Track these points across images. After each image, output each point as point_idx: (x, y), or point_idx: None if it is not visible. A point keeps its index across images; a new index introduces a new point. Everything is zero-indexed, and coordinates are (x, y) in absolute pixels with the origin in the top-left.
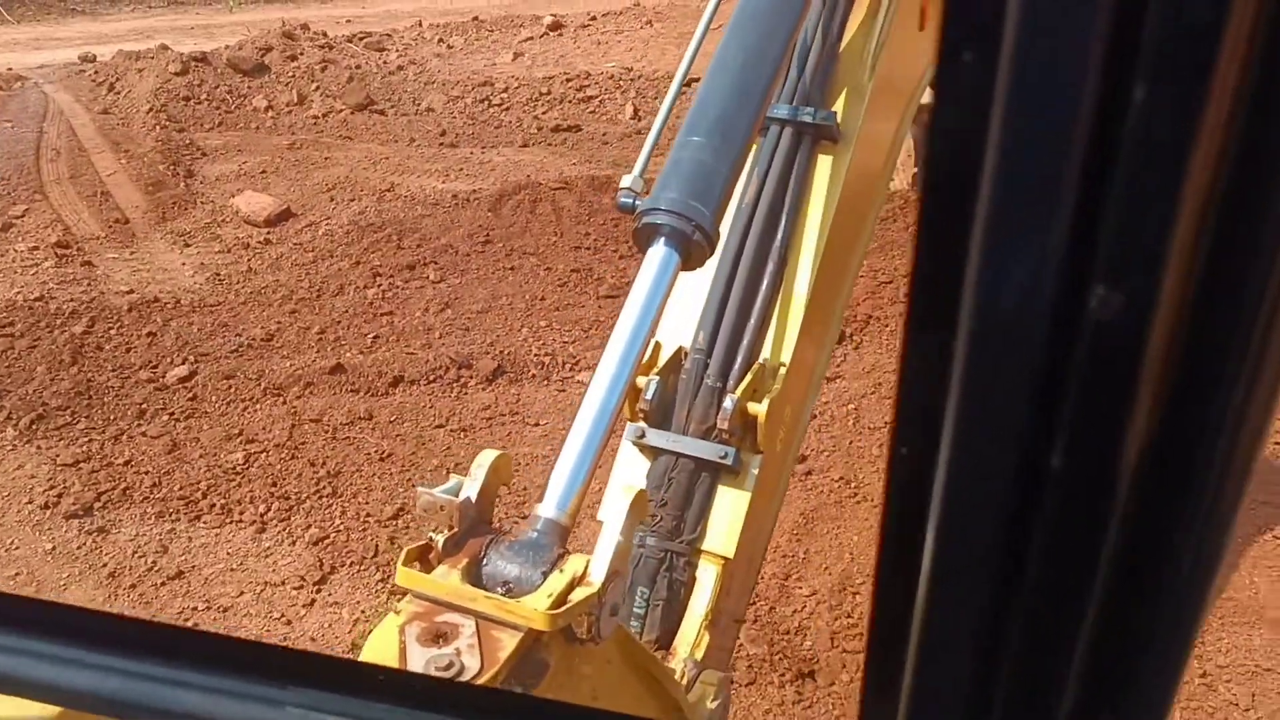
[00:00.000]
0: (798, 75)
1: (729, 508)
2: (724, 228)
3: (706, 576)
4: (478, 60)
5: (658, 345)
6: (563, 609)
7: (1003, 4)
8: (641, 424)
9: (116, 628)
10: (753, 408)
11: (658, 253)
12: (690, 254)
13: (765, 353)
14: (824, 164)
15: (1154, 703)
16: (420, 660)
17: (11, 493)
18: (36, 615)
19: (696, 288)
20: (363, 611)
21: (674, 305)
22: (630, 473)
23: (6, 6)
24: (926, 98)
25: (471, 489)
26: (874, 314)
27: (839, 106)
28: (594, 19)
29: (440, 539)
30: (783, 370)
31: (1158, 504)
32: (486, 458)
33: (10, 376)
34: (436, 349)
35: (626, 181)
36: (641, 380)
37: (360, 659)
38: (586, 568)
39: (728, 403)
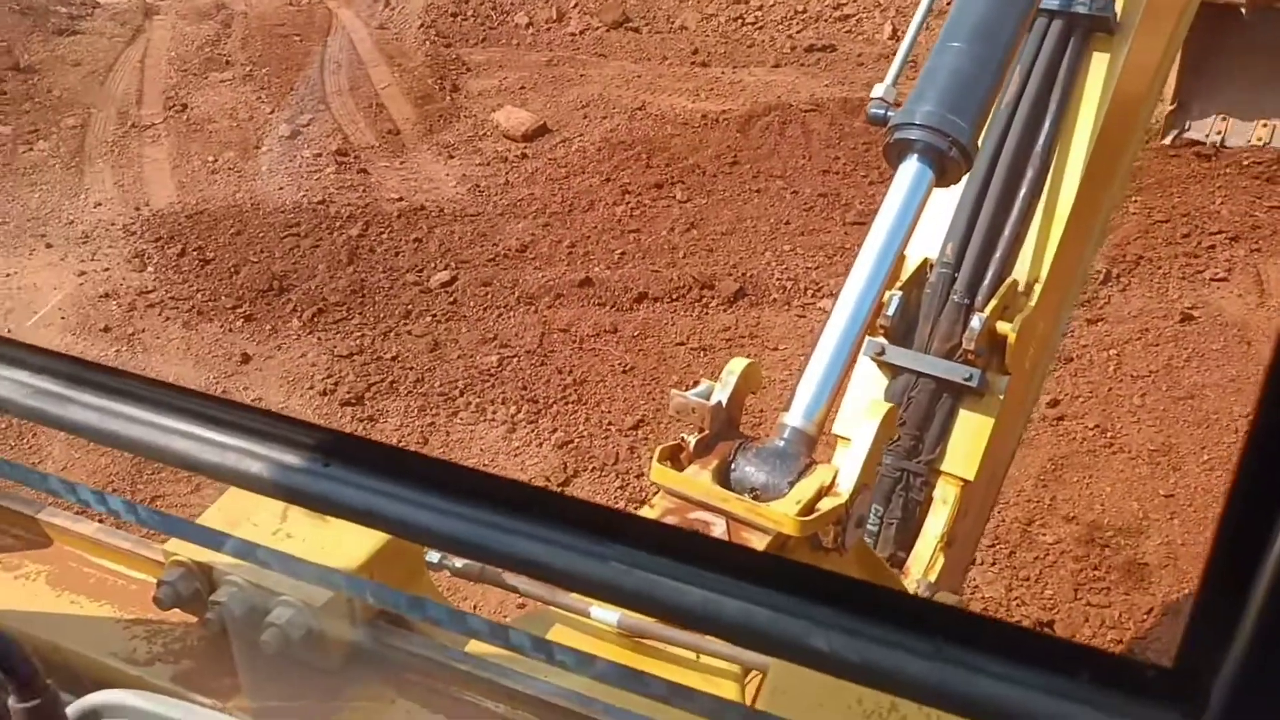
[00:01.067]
0: None
1: (972, 430)
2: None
3: (945, 498)
4: None
5: (901, 257)
6: (812, 516)
7: None
8: (881, 340)
9: (470, 480)
10: (1002, 327)
11: (910, 169)
12: (945, 171)
13: (1017, 268)
14: (1096, 60)
15: None
16: None
17: (296, 378)
18: (405, 466)
19: (946, 194)
20: None
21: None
22: (868, 389)
23: None
24: None
25: (722, 394)
26: (1145, 254)
27: None
28: None
29: (692, 440)
30: (1038, 287)
31: None
32: (738, 365)
33: (296, 272)
34: (680, 268)
35: (879, 91)
36: (884, 294)
37: None
38: (834, 478)
39: (975, 322)
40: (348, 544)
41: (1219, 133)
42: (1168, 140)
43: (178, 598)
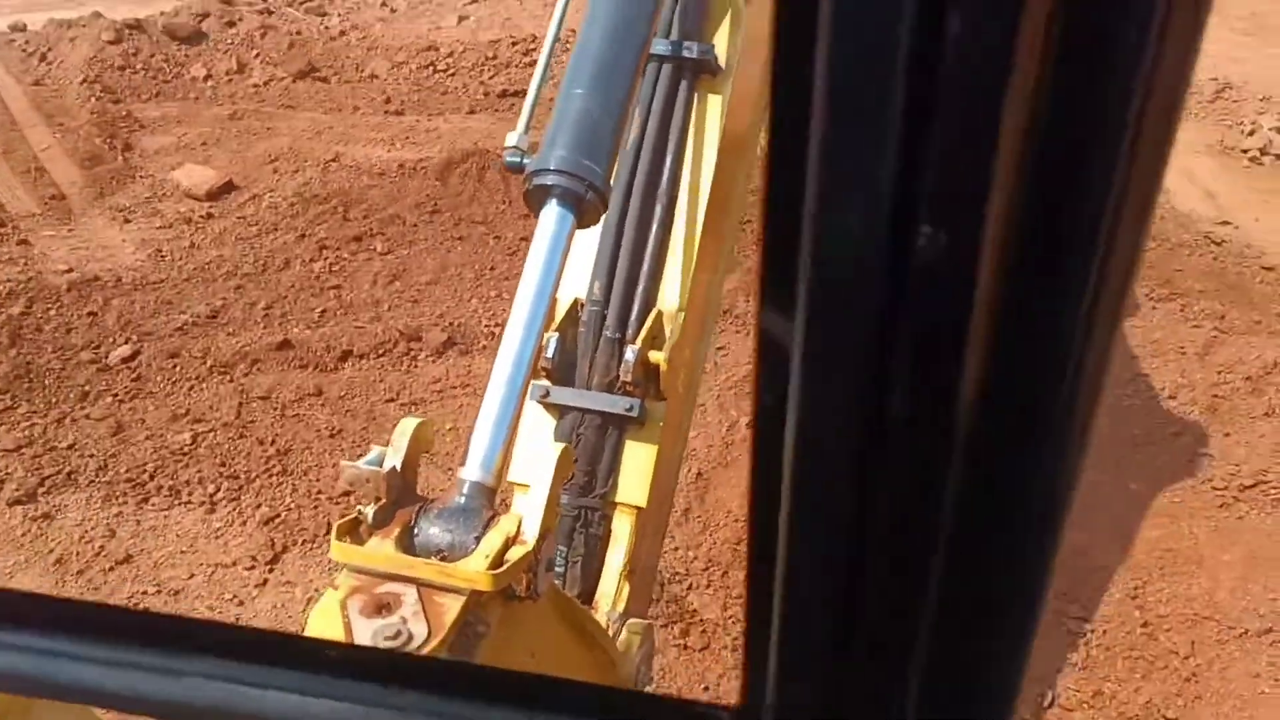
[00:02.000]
0: (673, 7)
1: (639, 459)
2: None
3: (622, 528)
4: (421, 24)
5: (554, 300)
6: (503, 569)
7: None
8: (545, 382)
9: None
10: (654, 356)
11: (552, 214)
12: (585, 213)
13: (660, 298)
14: (709, 101)
15: (1014, 645)
16: (367, 632)
17: None
18: None
19: (591, 234)
20: (316, 590)
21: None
22: (539, 432)
23: None
24: None
25: (395, 459)
26: None
27: (720, 36)
28: None
29: (370, 511)
30: (681, 315)
31: (1000, 445)
32: (408, 426)
33: None
34: (385, 322)
35: (512, 140)
36: (542, 338)
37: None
38: (519, 526)
39: (629, 354)
40: None
41: None
42: None
43: None
